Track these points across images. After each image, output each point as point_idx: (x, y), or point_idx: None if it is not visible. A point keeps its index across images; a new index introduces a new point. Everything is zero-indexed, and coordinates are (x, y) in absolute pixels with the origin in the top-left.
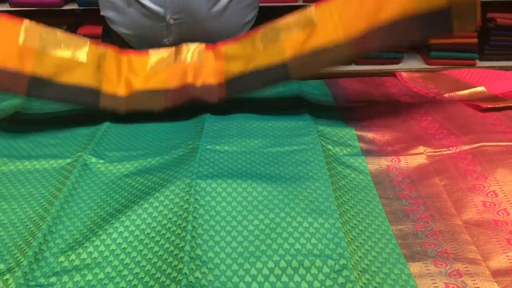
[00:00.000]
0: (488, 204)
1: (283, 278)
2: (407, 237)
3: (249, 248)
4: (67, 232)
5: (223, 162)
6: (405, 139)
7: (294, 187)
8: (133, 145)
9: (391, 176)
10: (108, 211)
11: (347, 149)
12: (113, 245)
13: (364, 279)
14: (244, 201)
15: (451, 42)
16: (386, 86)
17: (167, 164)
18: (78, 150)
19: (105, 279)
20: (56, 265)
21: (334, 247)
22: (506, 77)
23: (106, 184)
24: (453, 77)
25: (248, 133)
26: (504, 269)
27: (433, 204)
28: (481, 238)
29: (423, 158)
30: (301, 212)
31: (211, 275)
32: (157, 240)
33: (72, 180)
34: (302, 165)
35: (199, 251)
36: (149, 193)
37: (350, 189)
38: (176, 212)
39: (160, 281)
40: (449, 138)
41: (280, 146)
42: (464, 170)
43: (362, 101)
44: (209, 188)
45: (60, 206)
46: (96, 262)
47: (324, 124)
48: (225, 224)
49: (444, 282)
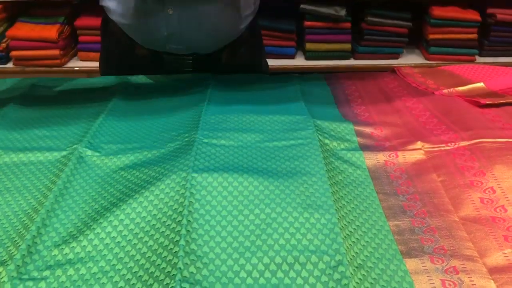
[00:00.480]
0: (486, 201)
1: (278, 274)
2: (403, 233)
3: (245, 243)
4: (61, 225)
5: (219, 156)
6: (403, 134)
7: (290, 182)
8: (129, 137)
9: (389, 171)
10: (103, 205)
11: (345, 144)
12: (107, 239)
13: (359, 275)
14: (240, 195)
15: (451, 37)
16: (385, 81)
17: (162, 158)
18: (74, 142)
19: (99, 273)
20: (49, 259)
21: (330, 243)
22: (505, 73)
23: (101, 177)
24: (452, 72)
25: (245, 127)
26: (501, 266)
27: (430, 200)
28: (478, 235)
29: (421, 153)
30: (297, 207)
31: (205, 270)
32: (151, 234)
33: (67, 173)
34: (299, 160)
35: (194, 245)
36: (144, 186)
37: (347, 184)
38: (171, 206)
39: (155, 276)
40: (447, 134)
41: (277, 140)
42: (462, 166)
43: (360, 96)
44: (204, 182)
45: (55, 199)
46: (90, 256)
47: (321, 119)
48: (220, 218)
49: (440, 279)
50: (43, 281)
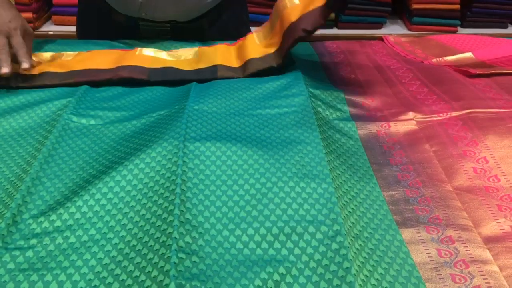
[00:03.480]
0: (479, 171)
1: (275, 245)
2: (398, 203)
3: (240, 214)
4: (47, 193)
5: (211, 124)
6: (395, 104)
7: (285, 151)
8: (118, 105)
9: (381, 141)
10: (91, 173)
11: (337, 113)
12: (96, 206)
13: (357, 245)
14: (234, 165)
15: (434, 8)
16: (373, 49)
17: (152, 126)
18: (59, 108)
19: (89, 242)
20: (36, 226)
21: (327, 213)
22: (493, 43)
23: (88, 145)
24: (440, 42)
25: (236, 94)
26: (495, 236)
27: (424, 170)
28: (472, 205)
29: (413, 124)
30: (293, 177)
31: (201, 240)
32: (144, 203)
33: (52, 141)
34: (293, 128)
35: (188, 215)
36: (134, 154)
37: (341, 154)
38: (163, 175)
39: (149, 245)
40: (439, 104)
41: (270, 107)
42: (454, 137)
43: (349, 64)
44: (197, 151)
45: (40, 167)
46: (79, 223)
47: (314, 86)
48: (214, 188)
49: (436, 249)
50: (31, 250)
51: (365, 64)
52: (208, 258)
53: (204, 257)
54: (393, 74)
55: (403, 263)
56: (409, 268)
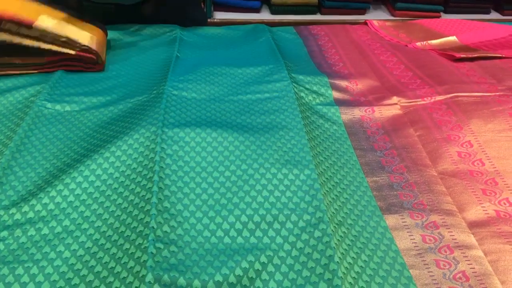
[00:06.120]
0: (463, 155)
1: (257, 233)
2: (382, 189)
3: (221, 201)
4: (19, 183)
5: (191, 110)
6: (379, 89)
7: (267, 137)
8: (93, 90)
9: (365, 127)
10: (65, 161)
11: (320, 98)
12: (71, 196)
13: (340, 232)
14: (215, 151)
15: None
16: (357, 34)
17: (130, 112)
18: (32, 94)
19: (63, 233)
20: (7, 218)
21: (310, 200)
22: (477, 27)
23: (62, 132)
24: (424, 26)
25: (216, 79)
26: (480, 220)
27: (408, 155)
28: (456, 189)
29: (397, 108)
30: (275, 163)
31: (180, 229)
32: (120, 192)
33: (25, 128)
34: (275, 113)
35: (166, 203)
36: (110, 141)
37: (324, 139)
38: (140, 162)
39: (125, 236)
40: (423, 89)
41: (251, 93)
42: (439, 121)
43: (334, 47)
44: (176, 137)
45: (11, 156)
46: (52, 214)
47: (296, 71)
48: (194, 175)
49: (420, 234)
50: (1, 243)
51: (349, 48)
52: (187, 248)
53: (183, 247)
54: (377, 59)
55: (387, 250)
56: (393, 255)
